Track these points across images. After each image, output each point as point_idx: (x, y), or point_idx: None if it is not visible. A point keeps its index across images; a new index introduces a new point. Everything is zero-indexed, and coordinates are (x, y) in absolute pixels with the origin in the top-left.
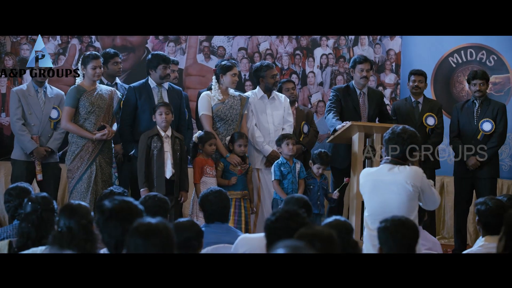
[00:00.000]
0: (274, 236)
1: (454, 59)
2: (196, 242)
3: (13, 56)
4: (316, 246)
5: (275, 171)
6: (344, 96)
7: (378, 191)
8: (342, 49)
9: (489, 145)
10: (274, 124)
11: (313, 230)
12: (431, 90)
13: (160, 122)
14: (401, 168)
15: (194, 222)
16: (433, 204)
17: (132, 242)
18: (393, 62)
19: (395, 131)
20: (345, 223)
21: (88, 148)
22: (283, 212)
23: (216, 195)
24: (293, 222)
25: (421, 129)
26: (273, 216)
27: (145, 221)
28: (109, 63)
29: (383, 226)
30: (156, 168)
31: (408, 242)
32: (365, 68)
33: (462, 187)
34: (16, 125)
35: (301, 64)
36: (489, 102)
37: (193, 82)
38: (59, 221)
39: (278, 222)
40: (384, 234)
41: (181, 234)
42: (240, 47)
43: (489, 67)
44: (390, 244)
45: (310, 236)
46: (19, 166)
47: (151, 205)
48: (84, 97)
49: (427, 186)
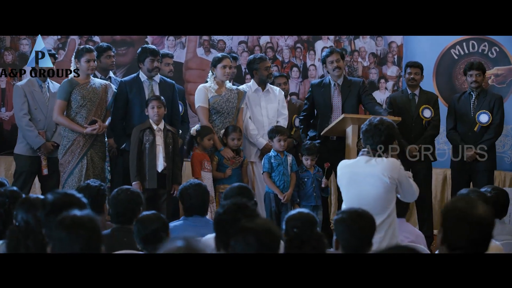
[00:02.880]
0: (223, 229)
1: (456, 51)
2: (164, 233)
3: (12, 51)
4: (251, 240)
5: (265, 163)
6: (316, 90)
7: (355, 183)
8: (343, 42)
9: (486, 137)
10: (269, 117)
11: (252, 223)
12: (433, 82)
13: (152, 115)
14: (378, 160)
15: (159, 214)
16: (411, 196)
17: (56, 235)
18: (395, 55)
19: (372, 122)
20: (309, 215)
21: (79, 142)
22: (231, 204)
23: (196, 188)
24: (241, 214)
25: (417, 121)
26: (221, 209)
27: (70, 214)
28: (102, 57)
29: (340, 218)
30: (148, 162)
31: (365, 235)
32: (334, 59)
33: (459, 179)
34: (22, 120)
35: (302, 57)
36: (485, 93)
37: (193, 75)
38: (16, 215)
39: (226, 215)
40: (340, 226)
41: (147, 227)
42: (240, 41)
43: (491, 59)
44: (346, 236)
45: (246, 230)
46: (23, 161)
47: (123, 199)
48: (77, 90)
49: (405, 178)
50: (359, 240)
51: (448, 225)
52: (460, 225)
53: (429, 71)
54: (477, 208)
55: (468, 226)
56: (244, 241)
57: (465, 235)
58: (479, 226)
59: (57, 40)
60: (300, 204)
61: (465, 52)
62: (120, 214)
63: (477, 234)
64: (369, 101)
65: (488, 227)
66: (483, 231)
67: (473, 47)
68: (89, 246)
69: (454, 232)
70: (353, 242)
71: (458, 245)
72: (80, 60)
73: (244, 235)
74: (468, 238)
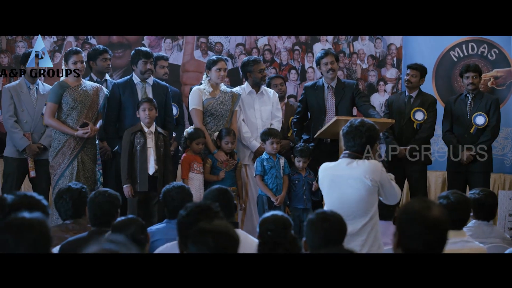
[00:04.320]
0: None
1: (455, 53)
2: (143, 235)
3: (8, 53)
4: (208, 241)
5: (257, 166)
6: (310, 92)
7: (336, 186)
8: (342, 44)
9: (482, 139)
10: (262, 119)
11: (209, 225)
12: (432, 84)
13: (143, 118)
14: (360, 162)
15: (134, 218)
16: (393, 199)
17: (2, 237)
18: (394, 57)
19: (353, 124)
20: (283, 218)
21: (70, 145)
22: (194, 206)
23: (178, 191)
24: (204, 216)
25: (409, 123)
26: (184, 211)
27: (18, 216)
28: (98, 60)
29: (308, 220)
30: (139, 164)
31: (333, 237)
32: (329, 61)
33: (455, 181)
34: (8, 122)
35: (300, 60)
36: (482, 95)
37: (190, 78)
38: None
39: (188, 217)
40: (308, 228)
41: (124, 232)
42: (238, 43)
43: (490, 61)
44: (314, 238)
45: (203, 231)
46: (11, 163)
47: (101, 201)
48: (68, 93)
49: (387, 180)
50: (327, 242)
51: (403, 228)
52: (415, 227)
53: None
54: (432, 210)
55: (423, 228)
56: (201, 243)
57: (420, 237)
58: (434, 228)
59: (53, 43)
60: (290, 206)
61: (465, 54)
62: (98, 216)
63: (432, 236)
64: (362, 103)
65: (443, 229)
66: (438, 233)
67: (473, 49)
68: (35, 249)
69: (409, 234)
70: (321, 244)
71: (413, 247)
72: (68, 62)
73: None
74: (424, 240)
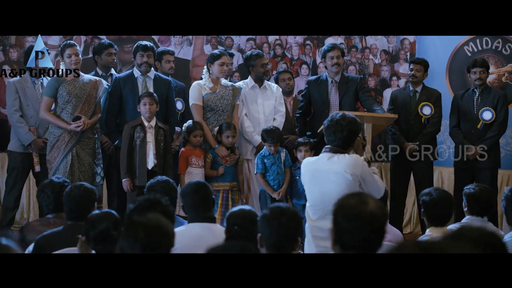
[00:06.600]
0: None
1: (469, 48)
2: (115, 232)
3: (17, 48)
4: (140, 235)
5: (258, 164)
6: (313, 87)
7: (317, 181)
8: (354, 39)
9: (489, 134)
10: (265, 114)
11: (142, 218)
12: (446, 79)
13: (144, 112)
14: (341, 157)
15: (110, 212)
16: (377, 193)
17: None
18: (407, 52)
19: (334, 118)
20: (250, 212)
21: (64, 138)
22: (143, 200)
23: (163, 185)
24: (152, 210)
25: (416, 118)
26: (133, 205)
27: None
28: (103, 54)
29: (263, 214)
30: (138, 159)
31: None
32: (335, 55)
33: (462, 177)
34: (13, 116)
35: (311, 54)
36: (489, 90)
37: (200, 73)
38: None
39: (137, 211)
40: (262, 223)
41: (95, 226)
42: (248, 38)
43: (505, 55)
44: (268, 232)
45: (135, 224)
46: (15, 157)
47: (76, 195)
48: (63, 86)
49: (368, 174)
50: (281, 237)
51: (340, 224)
52: (352, 223)
53: (442, 68)
54: (368, 205)
55: (360, 224)
56: (132, 236)
57: (357, 233)
58: (371, 223)
59: (62, 38)
60: (291, 201)
61: (478, 49)
62: (73, 210)
63: (370, 231)
64: (366, 98)
65: (380, 224)
66: (376, 228)
67: (487, 44)
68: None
69: (346, 230)
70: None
71: (351, 244)
72: (63, 55)
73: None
74: (361, 236)
